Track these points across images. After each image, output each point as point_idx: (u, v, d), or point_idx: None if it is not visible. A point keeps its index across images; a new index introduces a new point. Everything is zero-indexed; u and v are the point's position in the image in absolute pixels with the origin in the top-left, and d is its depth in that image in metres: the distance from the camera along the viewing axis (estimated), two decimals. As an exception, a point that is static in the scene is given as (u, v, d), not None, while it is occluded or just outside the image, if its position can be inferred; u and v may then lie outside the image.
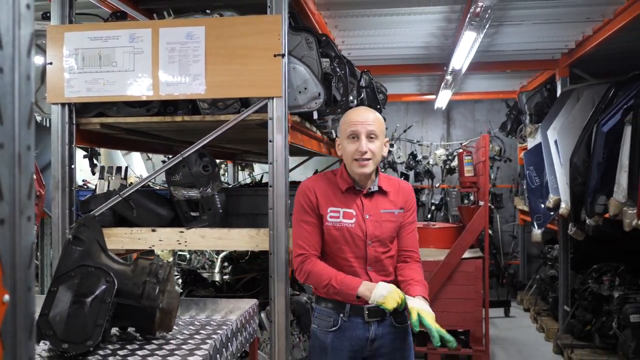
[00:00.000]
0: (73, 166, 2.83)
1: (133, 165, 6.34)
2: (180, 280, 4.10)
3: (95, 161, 4.22)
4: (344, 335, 2.44)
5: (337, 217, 2.43)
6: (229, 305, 2.40)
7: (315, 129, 3.23)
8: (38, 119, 3.78)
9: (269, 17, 2.64)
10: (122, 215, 2.91)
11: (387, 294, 2.28)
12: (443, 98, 7.48)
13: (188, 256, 6.22)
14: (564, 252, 5.78)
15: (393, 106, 8.43)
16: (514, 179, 8.42)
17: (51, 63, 2.75)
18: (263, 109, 2.64)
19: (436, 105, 8.12)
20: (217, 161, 5.76)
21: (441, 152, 8.27)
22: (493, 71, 6.72)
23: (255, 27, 2.63)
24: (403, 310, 2.33)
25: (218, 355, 1.93)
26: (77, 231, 1.98)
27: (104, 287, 1.86)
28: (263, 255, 3.78)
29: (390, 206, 2.48)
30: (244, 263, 4.06)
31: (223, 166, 6.55)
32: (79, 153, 3.46)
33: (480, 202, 5.49)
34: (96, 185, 3.24)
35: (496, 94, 8.34)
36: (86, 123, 2.84)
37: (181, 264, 6.07)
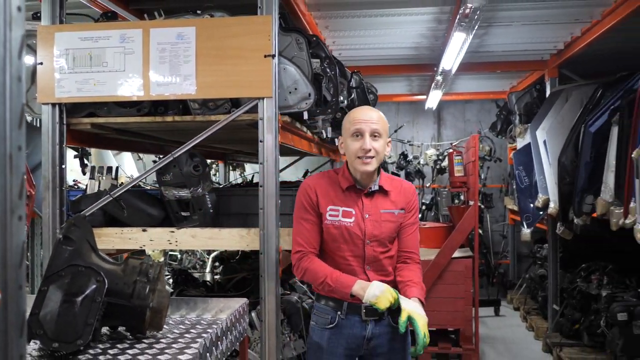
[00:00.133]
0: (64, 166, 2.83)
1: (124, 165, 6.33)
2: (171, 280, 4.10)
3: (85, 161, 4.22)
4: (341, 332, 2.46)
5: (337, 216, 2.44)
6: (219, 304, 2.41)
7: (305, 129, 3.24)
8: (28, 119, 3.77)
9: (260, 18, 2.65)
10: (113, 215, 2.91)
11: (380, 294, 2.29)
12: (433, 98, 7.51)
13: (179, 256, 6.22)
14: (553, 252, 5.82)
15: (384, 106, 8.45)
16: (504, 179, 8.47)
17: (42, 63, 2.75)
18: (253, 109, 2.66)
19: (427, 105, 8.16)
20: (208, 161, 5.77)
21: (432, 152, 8.30)
22: (483, 72, 6.77)
23: (245, 28, 2.65)
24: (398, 309, 2.33)
25: (208, 353, 1.95)
26: (68, 231, 1.98)
27: (95, 287, 1.87)
28: (254, 255, 3.78)
29: (390, 206, 2.49)
30: (235, 263, 4.07)
31: (214, 166, 6.55)
32: (70, 153, 3.45)
33: (470, 202, 5.52)
34: (87, 185, 3.23)
35: (486, 94, 8.39)
36: (77, 123, 2.85)
37: (172, 264, 6.06)
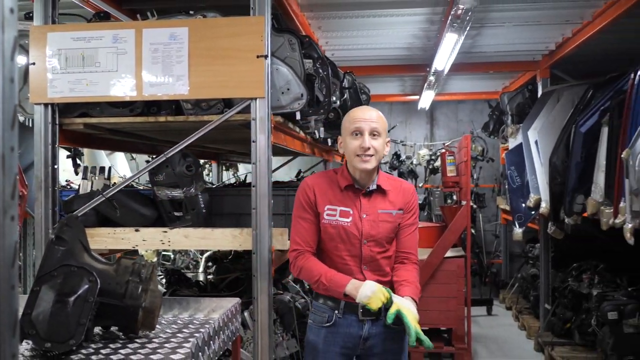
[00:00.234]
0: (56, 166, 2.83)
1: (117, 165, 6.32)
2: (164, 280, 4.10)
3: (78, 161, 4.21)
4: (337, 331, 2.47)
5: (334, 215, 2.46)
6: (212, 304, 2.42)
7: (298, 130, 3.25)
8: (21, 119, 3.76)
9: (252, 19, 2.66)
10: (106, 215, 2.91)
11: (371, 294, 2.30)
12: (426, 98, 7.54)
13: (172, 256, 6.21)
14: (545, 251, 5.85)
15: (377, 106, 8.27)
16: (497, 179, 8.51)
17: (34, 63, 2.75)
18: (246, 110, 2.66)
19: (419, 105, 8.18)
20: (202, 161, 5.77)
21: (425, 152, 8.33)
22: (475, 72, 6.80)
23: (238, 29, 2.65)
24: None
25: (200, 353, 1.95)
26: (60, 231, 1.99)
27: (87, 287, 1.87)
28: (247, 254, 3.79)
29: (388, 206, 2.50)
30: (228, 263, 4.07)
31: (207, 166, 6.55)
32: (62, 153, 3.45)
33: (462, 202, 5.55)
34: (79, 185, 3.24)
35: (479, 95, 8.42)
36: (69, 123, 2.84)
37: (165, 264, 6.05)
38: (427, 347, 2.26)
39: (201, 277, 4.48)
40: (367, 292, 2.31)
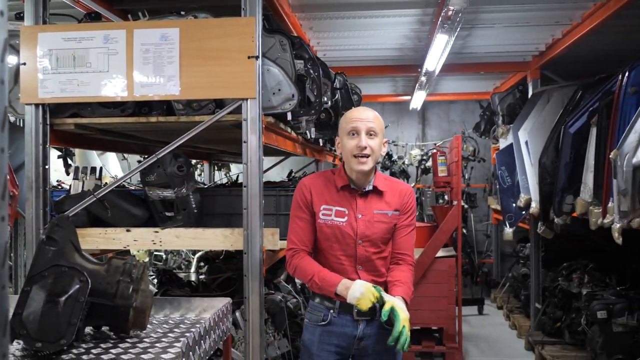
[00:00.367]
0: (47, 166, 2.82)
1: (109, 165, 6.31)
2: (155, 280, 4.10)
3: (69, 161, 4.21)
4: (332, 330, 2.49)
5: (330, 215, 2.48)
6: (203, 303, 2.43)
7: (289, 130, 3.26)
8: (12, 119, 3.75)
9: (243, 20, 2.67)
10: (97, 215, 2.91)
11: (360, 296, 2.31)
12: (418, 99, 7.56)
13: (164, 256, 6.21)
14: (536, 251, 5.88)
15: (369, 107, 8.44)
16: (488, 179, 8.55)
17: (25, 63, 2.74)
18: (237, 110, 2.67)
19: (411, 105, 8.21)
20: (193, 161, 5.77)
21: (416, 152, 8.37)
22: (467, 73, 6.84)
23: (229, 29, 2.66)
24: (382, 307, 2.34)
25: (191, 352, 1.96)
26: (51, 231, 1.99)
27: (78, 287, 1.87)
28: (239, 254, 3.80)
29: (384, 207, 2.51)
30: (220, 263, 4.08)
31: (199, 166, 6.55)
32: (53, 153, 3.45)
33: (454, 202, 5.58)
34: (70, 185, 3.23)
35: (470, 95, 8.46)
36: (60, 123, 2.84)
37: (157, 264, 6.04)
38: (400, 349, 2.25)
39: (193, 277, 4.48)
40: (356, 293, 2.32)
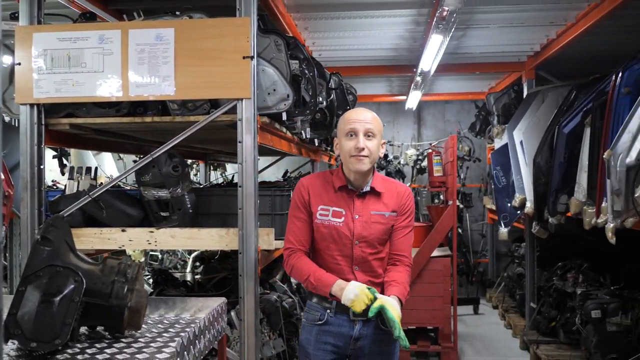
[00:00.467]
0: (42, 166, 2.82)
1: (104, 165, 6.30)
2: (151, 280, 4.10)
3: (64, 161, 4.21)
4: (329, 330, 2.49)
5: (327, 216, 2.49)
6: (198, 303, 2.43)
7: (285, 130, 3.27)
8: (6, 119, 3.75)
9: (238, 20, 2.67)
10: (92, 215, 2.91)
11: (354, 297, 2.32)
12: (413, 99, 7.57)
13: (160, 256, 6.21)
14: (531, 250, 5.90)
15: (364, 107, 8.48)
16: (483, 179, 8.57)
17: (19, 63, 2.74)
18: (232, 110, 2.68)
19: (407, 105, 8.22)
20: (189, 161, 5.77)
21: (412, 152, 8.37)
22: (462, 73, 6.85)
23: (224, 30, 2.67)
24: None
25: (185, 352, 1.97)
26: (46, 231, 1.99)
27: (73, 287, 1.88)
28: (234, 254, 3.80)
29: (382, 208, 2.51)
30: (215, 263, 4.08)
31: (195, 166, 6.55)
32: (49, 153, 3.45)
33: (449, 202, 5.59)
34: (65, 185, 3.23)
35: (465, 95, 8.48)
36: (55, 123, 2.84)
37: (153, 264, 6.05)
38: (404, 347, 2.28)
39: (189, 277, 4.49)
40: (350, 295, 2.33)
